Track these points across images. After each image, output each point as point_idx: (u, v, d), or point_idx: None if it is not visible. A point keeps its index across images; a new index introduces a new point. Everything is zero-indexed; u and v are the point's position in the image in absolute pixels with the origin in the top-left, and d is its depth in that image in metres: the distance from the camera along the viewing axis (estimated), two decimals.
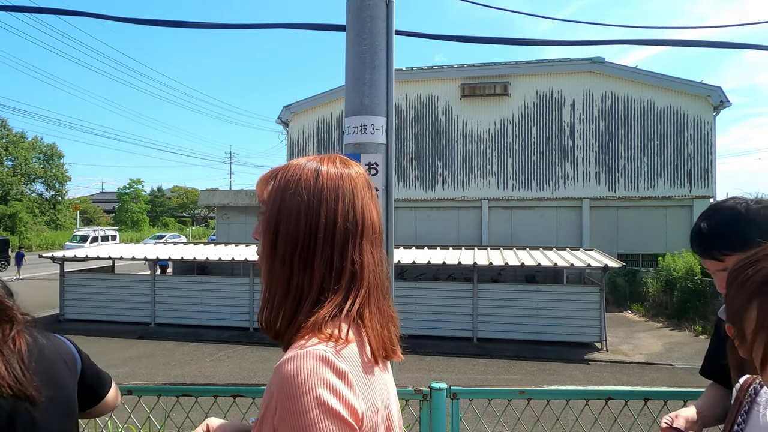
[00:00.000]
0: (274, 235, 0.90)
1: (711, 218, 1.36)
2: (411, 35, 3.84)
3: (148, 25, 4.00)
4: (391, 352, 0.95)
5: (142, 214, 51.13)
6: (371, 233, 0.97)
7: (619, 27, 43.01)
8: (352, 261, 0.91)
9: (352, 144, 2.91)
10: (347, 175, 0.94)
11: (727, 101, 15.20)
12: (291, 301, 0.90)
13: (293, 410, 0.78)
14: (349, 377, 0.82)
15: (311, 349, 0.82)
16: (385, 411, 0.89)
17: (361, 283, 0.91)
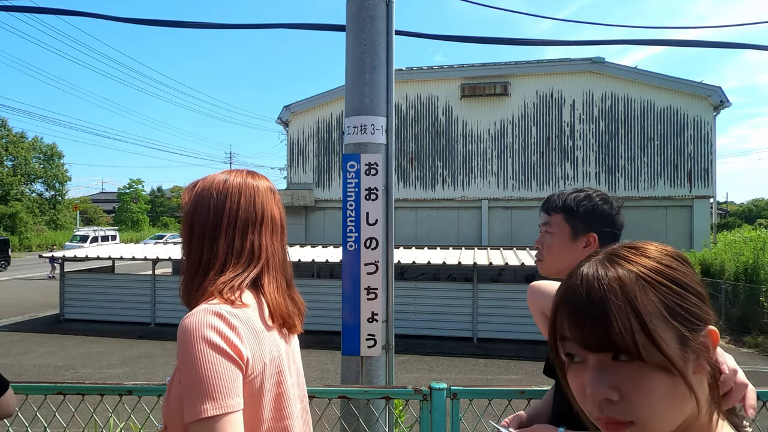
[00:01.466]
0: (190, 225, 1.15)
1: (565, 191, 1.59)
2: (411, 35, 3.84)
3: (148, 25, 4.00)
4: (290, 323, 1.20)
5: (142, 214, 51.12)
6: (271, 224, 1.21)
7: (619, 27, 42.80)
8: (252, 243, 1.15)
9: (352, 144, 2.91)
10: (251, 180, 1.21)
11: (727, 101, 15.20)
12: (200, 274, 1.11)
13: (188, 351, 0.97)
14: (239, 330, 1.01)
15: (208, 306, 1.03)
16: (275, 368, 1.09)
17: (258, 261, 1.15)
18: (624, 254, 0.68)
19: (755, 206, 54.04)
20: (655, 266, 0.66)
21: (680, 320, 0.64)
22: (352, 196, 2.89)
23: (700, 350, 0.63)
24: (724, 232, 22.54)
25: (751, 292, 10.70)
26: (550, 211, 1.53)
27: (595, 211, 1.47)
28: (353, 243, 2.87)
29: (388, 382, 2.92)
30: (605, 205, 1.49)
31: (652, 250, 0.70)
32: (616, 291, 0.63)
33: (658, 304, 0.64)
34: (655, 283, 0.65)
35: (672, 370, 0.61)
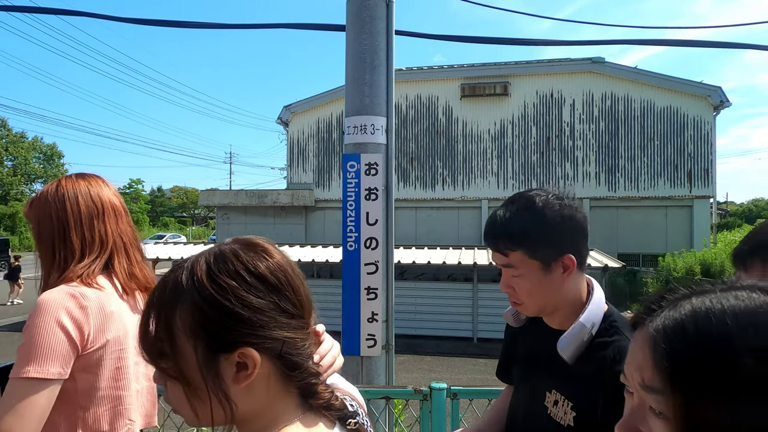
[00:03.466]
0: (38, 234, 1.32)
1: (507, 207, 1.21)
2: (411, 35, 3.84)
3: (148, 25, 4.00)
4: (144, 282, 1.40)
5: (142, 214, 51.12)
6: (113, 211, 1.38)
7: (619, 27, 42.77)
8: (100, 231, 1.34)
9: (352, 144, 2.91)
10: (82, 180, 1.36)
11: (727, 101, 15.20)
12: (55, 269, 1.29)
13: (33, 320, 1.16)
14: (87, 309, 1.21)
15: (67, 287, 1.22)
16: (117, 345, 1.28)
17: (107, 246, 1.34)
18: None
19: (755, 206, 54.07)
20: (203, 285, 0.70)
21: (203, 337, 0.69)
22: (352, 196, 2.89)
23: (224, 366, 0.69)
24: (724, 232, 22.55)
25: None
26: (503, 250, 1.19)
27: (558, 226, 1.16)
28: (353, 243, 2.88)
29: (388, 382, 2.92)
30: (562, 210, 1.16)
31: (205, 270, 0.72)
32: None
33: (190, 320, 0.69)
34: (197, 302, 0.69)
35: (180, 380, 0.69)
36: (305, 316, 0.76)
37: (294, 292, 0.74)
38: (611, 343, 1.12)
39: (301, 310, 0.75)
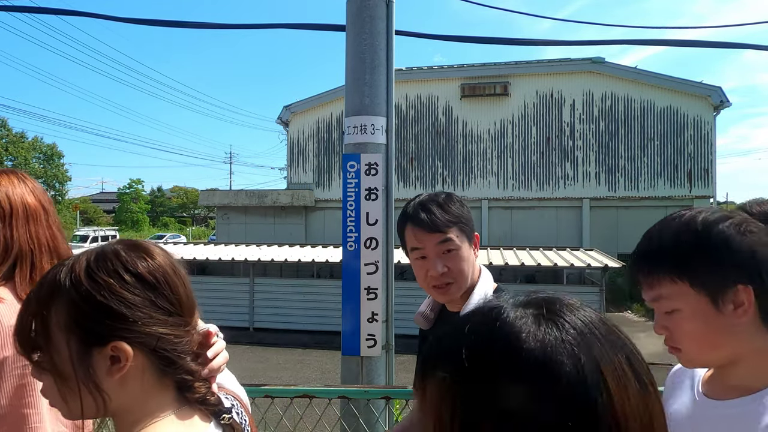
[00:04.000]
0: None
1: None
2: (411, 35, 3.84)
3: (148, 25, 4.00)
4: None
5: (142, 214, 51.12)
6: (24, 213, 1.25)
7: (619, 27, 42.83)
8: (4, 237, 1.22)
9: (352, 144, 2.91)
10: None
11: (727, 101, 15.20)
12: None
13: None
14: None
15: None
16: (20, 362, 1.17)
17: (10, 253, 1.22)
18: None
19: None
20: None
21: (77, 332, 0.71)
22: (352, 196, 2.89)
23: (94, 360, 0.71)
24: None
25: None
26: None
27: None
28: (353, 243, 2.88)
29: (388, 383, 2.92)
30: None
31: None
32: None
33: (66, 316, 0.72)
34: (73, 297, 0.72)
35: (52, 372, 0.72)
36: (184, 315, 0.79)
37: (172, 291, 0.77)
38: None
39: (180, 309, 0.78)
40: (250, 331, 11.34)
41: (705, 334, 0.83)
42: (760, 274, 0.79)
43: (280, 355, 9.92)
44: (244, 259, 11.45)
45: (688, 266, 0.82)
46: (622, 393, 0.42)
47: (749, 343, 0.81)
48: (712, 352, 0.84)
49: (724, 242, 0.81)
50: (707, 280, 0.81)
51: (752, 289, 0.80)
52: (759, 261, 0.80)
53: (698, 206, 0.95)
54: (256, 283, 11.73)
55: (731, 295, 0.80)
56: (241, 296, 11.63)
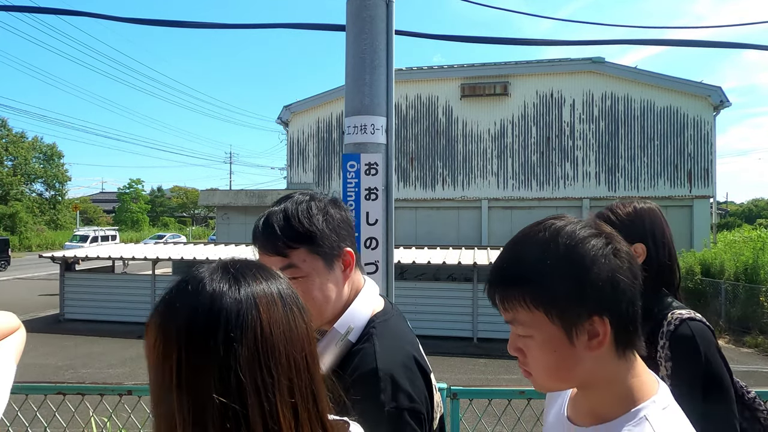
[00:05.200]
0: None
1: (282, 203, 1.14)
2: (411, 35, 3.84)
3: (148, 25, 4.00)
4: None
5: (142, 214, 51.13)
6: None
7: (619, 27, 42.92)
8: None
9: (352, 144, 2.91)
10: None
11: (727, 101, 15.20)
12: None
13: None
14: None
15: None
16: None
17: None
18: None
19: (755, 206, 54.08)
20: None
21: None
22: (352, 196, 2.89)
23: None
24: (724, 232, 22.55)
25: (751, 292, 10.70)
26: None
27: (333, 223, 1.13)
28: None
29: None
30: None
31: None
32: None
33: None
34: None
35: None
36: None
37: None
38: (358, 351, 1.06)
39: None
40: None
41: (555, 363, 0.79)
42: (619, 305, 0.76)
43: None
44: (245, 259, 11.44)
45: (544, 296, 0.77)
46: (270, 310, 0.64)
47: (602, 372, 0.79)
48: (561, 382, 0.82)
49: (585, 271, 0.75)
50: (563, 311, 0.76)
51: (608, 321, 0.76)
52: (619, 292, 0.76)
53: (565, 217, 0.83)
54: None
55: (587, 326, 0.76)
56: None
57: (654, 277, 1.34)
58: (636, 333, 0.79)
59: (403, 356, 1.08)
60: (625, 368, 0.79)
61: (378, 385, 0.98)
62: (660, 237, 1.42)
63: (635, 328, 0.78)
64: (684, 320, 1.28)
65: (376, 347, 1.05)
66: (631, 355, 0.80)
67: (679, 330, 1.26)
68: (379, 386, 0.98)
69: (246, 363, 0.59)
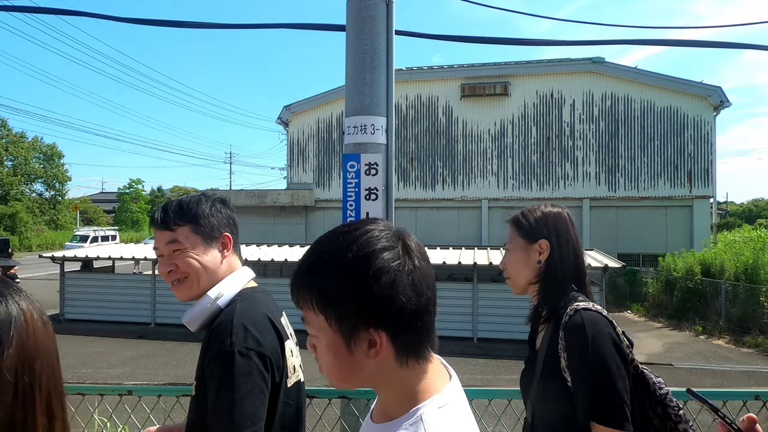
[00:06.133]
0: None
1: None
2: (411, 35, 3.84)
3: (148, 25, 4.00)
4: None
5: (142, 214, 51.11)
6: None
7: (619, 27, 42.76)
8: None
9: (352, 144, 2.91)
10: None
11: (727, 101, 15.20)
12: None
13: None
14: None
15: None
16: None
17: None
18: None
19: (755, 206, 54.06)
20: None
21: None
22: (352, 196, 2.89)
23: None
24: (724, 232, 22.56)
25: (751, 292, 10.70)
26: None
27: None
28: None
29: None
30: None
31: None
32: None
33: None
34: None
35: None
36: None
37: None
38: (223, 312, 1.30)
39: None
40: None
41: (338, 367, 0.81)
42: (397, 320, 0.77)
43: None
44: (245, 259, 11.43)
45: (326, 302, 0.78)
46: (30, 320, 0.67)
47: (386, 378, 0.81)
48: (346, 383, 0.84)
49: (367, 284, 0.76)
50: (341, 320, 0.78)
51: (385, 333, 0.77)
52: (397, 308, 0.77)
53: (376, 223, 0.83)
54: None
55: (365, 336, 0.78)
56: None
57: (560, 274, 1.49)
58: (420, 344, 0.80)
59: (258, 314, 1.29)
60: (409, 373, 0.81)
61: (231, 330, 1.21)
62: (564, 235, 1.51)
63: (419, 339, 0.80)
64: (578, 311, 1.35)
65: (237, 307, 1.29)
66: (415, 362, 0.81)
67: (571, 320, 1.34)
68: (232, 331, 1.20)
69: (12, 363, 0.64)
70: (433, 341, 0.83)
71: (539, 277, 1.52)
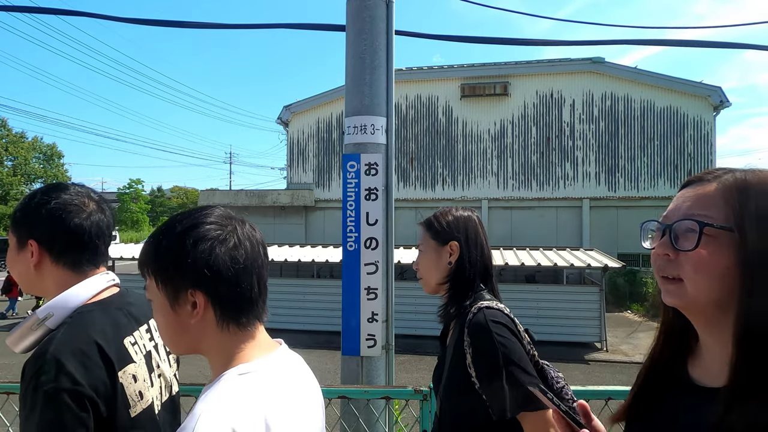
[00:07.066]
0: None
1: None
2: (411, 35, 3.85)
3: (148, 25, 4.00)
4: None
5: (142, 214, 51.11)
6: None
7: (619, 27, 42.85)
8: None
9: (352, 144, 2.91)
10: None
11: (727, 101, 15.20)
12: None
13: None
14: None
15: None
16: None
17: None
18: None
19: None
20: None
21: None
22: (352, 196, 2.89)
23: None
24: None
25: None
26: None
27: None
28: (353, 243, 2.88)
29: (388, 383, 2.92)
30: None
31: None
32: None
33: None
34: None
35: None
36: None
37: None
38: (41, 345, 1.11)
39: None
40: None
41: (166, 327, 0.93)
42: (215, 283, 0.88)
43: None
44: None
45: (155, 266, 0.91)
46: None
47: (208, 341, 0.91)
48: (177, 346, 0.94)
49: (186, 250, 0.88)
50: (166, 282, 0.90)
51: (204, 294, 0.88)
52: (215, 272, 0.87)
53: (216, 209, 0.96)
54: None
55: (188, 297, 0.89)
56: None
57: (469, 274, 1.56)
58: (239, 310, 0.90)
59: (82, 343, 1.11)
60: (229, 339, 0.90)
61: (41, 367, 1.04)
62: (473, 237, 1.60)
63: (237, 306, 0.90)
64: (481, 309, 1.41)
65: (59, 333, 1.11)
66: (236, 328, 0.90)
67: (475, 318, 1.40)
68: (42, 368, 1.04)
69: None
70: (256, 313, 0.93)
71: (449, 277, 1.58)
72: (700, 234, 0.77)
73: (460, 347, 1.40)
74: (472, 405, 1.35)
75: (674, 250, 0.81)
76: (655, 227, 0.88)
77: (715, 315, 0.79)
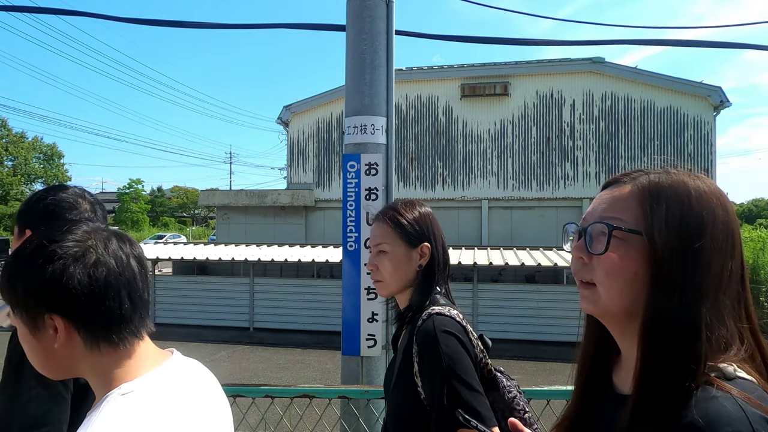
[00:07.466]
0: None
1: None
2: (411, 35, 3.85)
3: (148, 25, 4.00)
4: None
5: (142, 214, 51.08)
6: None
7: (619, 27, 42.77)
8: None
9: (352, 144, 2.91)
10: None
11: (727, 101, 15.19)
12: None
13: None
14: None
15: None
16: None
17: None
18: None
19: (755, 206, 54.06)
20: None
21: None
22: (352, 196, 2.89)
23: None
24: None
25: (751, 292, 10.70)
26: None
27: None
28: (353, 243, 2.88)
29: None
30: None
31: None
32: None
33: None
34: None
35: None
36: None
37: None
38: None
39: None
40: (250, 331, 11.33)
41: (33, 354, 0.86)
42: (72, 305, 0.81)
43: (280, 355, 9.92)
44: (244, 259, 11.45)
45: (9, 296, 0.84)
46: None
47: (81, 364, 0.85)
48: (47, 372, 0.87)
49: (37, 274, 0.81)
50: (23, 310, 0.83)
51: (62, 318, 0.81)
52: (70, 294, 0.80)
53: (84, 224, 0.90)
54: (256, 283, 11.73)
55: (46, 323, 0.82)
56: (241, 296, 11.62)
57: (437, 277, 1.47)
58: (109, 329, 0.83)
59: None
60: (104, 359, 0.84)
61: None
62: (439, 236, 1.53)
63: (104, 326, 0.83)
64: (432, 315, 1.34)
65: None
66: (109, 347, 0.84)
67: (424, 324, 1.32)
68: None
69: None
70: (132, 329, 0.86)
71: (415, 281, 1.46)
72: (609, 237, 0.75)
73: (408, 354, 1.34)
74: (417, 412, 1.30)
75: (588, 254, 0.79)
76: (574, 229, 0.86)
77: (625, 322, 0.76)
